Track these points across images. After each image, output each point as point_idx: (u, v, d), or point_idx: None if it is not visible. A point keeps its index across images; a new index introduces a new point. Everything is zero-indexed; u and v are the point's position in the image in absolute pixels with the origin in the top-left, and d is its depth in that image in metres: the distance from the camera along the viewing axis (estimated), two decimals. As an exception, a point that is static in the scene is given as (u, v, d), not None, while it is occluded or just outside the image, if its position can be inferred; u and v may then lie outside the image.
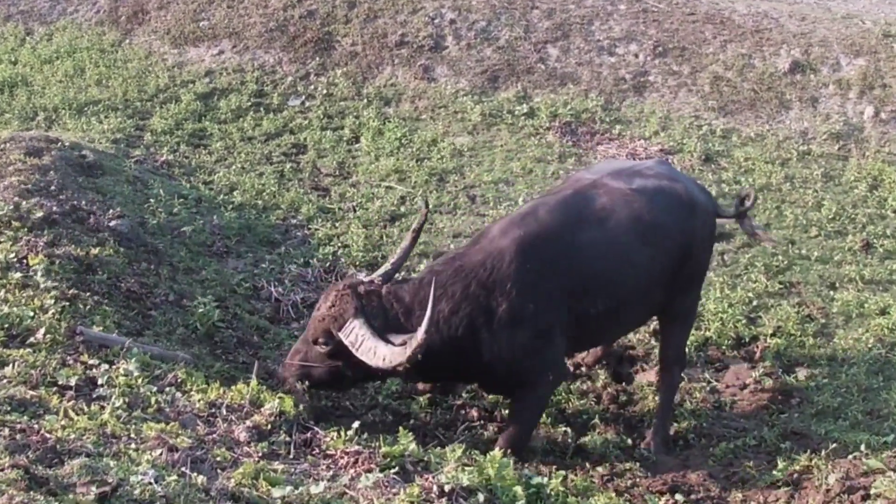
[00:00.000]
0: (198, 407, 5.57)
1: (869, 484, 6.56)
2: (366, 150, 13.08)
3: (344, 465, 5.09)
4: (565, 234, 7.21)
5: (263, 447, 5.16)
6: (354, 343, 6.60)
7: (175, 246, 9.79)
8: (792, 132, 13.80)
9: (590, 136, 13.70)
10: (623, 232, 7.33)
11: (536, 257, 7.01)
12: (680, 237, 7.68)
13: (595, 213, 7.33)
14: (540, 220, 7.22)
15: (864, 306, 9.81)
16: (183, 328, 8.06)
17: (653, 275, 7.55)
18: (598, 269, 7.31)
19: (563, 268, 7.13)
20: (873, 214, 11.80)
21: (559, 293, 7.11)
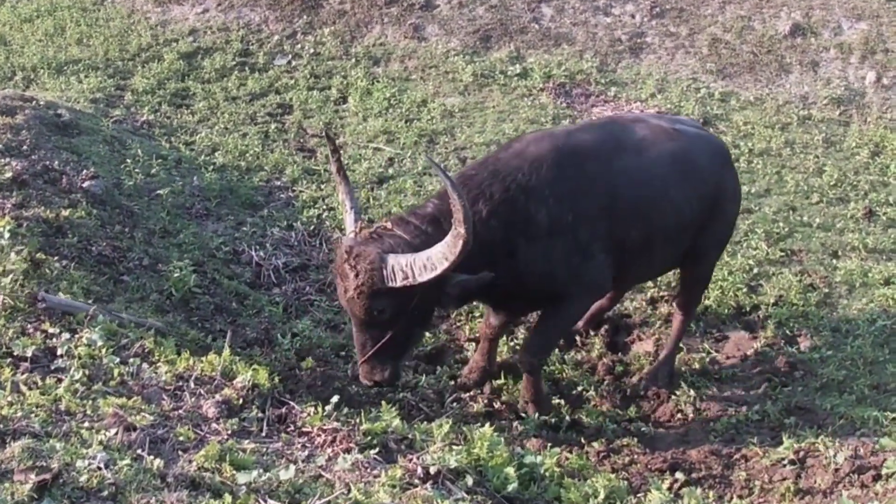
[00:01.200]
0: (164, 379, 5.16)
1: (880, 463, 6.28)
2: (353, 111, 12.70)
3: (321, 444, 4.69)
4: (602, 155, 7.03)
5: (233, 424, 4.75)
6: (407, 275, 6.06)
7: (152, 208, 9.40)
8: (792, 96, 13.48)
9: (584, 98, 13.33)
10: (662, 164, 7.20)
11: (574, 170, 6.78)
12: (715, 183, 7.60)
13: (635, 143, 7.20)
14: (577, 137, 7.08)
15: (868, 275, 9.52)
16: (157, 294, 7.68)
17: (687, 214, 7.39)
18: (635, 196, 7.07)
19: (600, 187, 6.90)
20: (875, 181, 11.49)
21: (597, 210, 6.85)
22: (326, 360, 7.50)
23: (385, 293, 6.16)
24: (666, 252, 7.58)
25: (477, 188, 6.55)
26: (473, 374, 7.83)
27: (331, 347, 7.84)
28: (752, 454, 7.02)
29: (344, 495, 4.02)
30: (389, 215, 8.69)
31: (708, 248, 7.94)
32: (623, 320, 8.87)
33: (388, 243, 6.31)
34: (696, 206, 7.40)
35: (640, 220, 7.11)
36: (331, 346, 7.85)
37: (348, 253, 6.29)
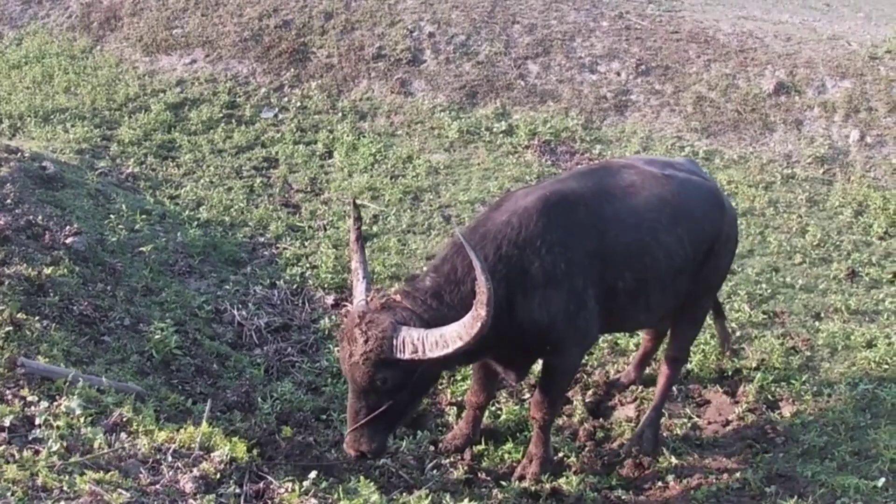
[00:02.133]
0: (142, 452, 5.13)
1: (856, 533, 6.29)
2: (339, 166, 12.73)
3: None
4: (591, 201, 7.03)
5: (210, 500, 4.73)
6: (417, 349, 6.03)
7: (135, 265, 9.36)
8: (776, 155, 13.57)
9: (569, 156, 13.39)
10: (651, 209, 7.22)
11: (563, 217, 6.81)
12: (708, 229, 7.64)
13: (623, 188, 7.23)
14: (565, 184, 7.10)
15: (850, 338, 9.50)
16: (137, 355, 7.64)
17: (679, 259, 7.39)
18: (625, 241, 7.08)
19: (590, 233, 6.91)
20: (858, 241, 11.54)
21: (588, 257, 6.87)
22: (307, 425, 7.45)
23: (391, 363, 6.11)
24: (662, 297, 7.55)
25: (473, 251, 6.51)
26: (457, 441, 7.82)
27: (311, 411, 7.78)
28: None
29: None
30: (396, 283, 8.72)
31: (700, 294, 7.95)
32: (606, 383, 8.86)
33: (401, 315, 6.27)
34: (689, 250, 7.42)
35: (631, 265, 7.13)
36: (311, 410, 7.80)
37: (361, 318, 6.22)
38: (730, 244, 8.07)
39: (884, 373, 8.94)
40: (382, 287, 8.78)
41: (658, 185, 7.35)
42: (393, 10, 16.08)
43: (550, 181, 7.36)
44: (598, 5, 16.74)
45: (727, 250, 8.05)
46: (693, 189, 7.64)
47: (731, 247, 8.14)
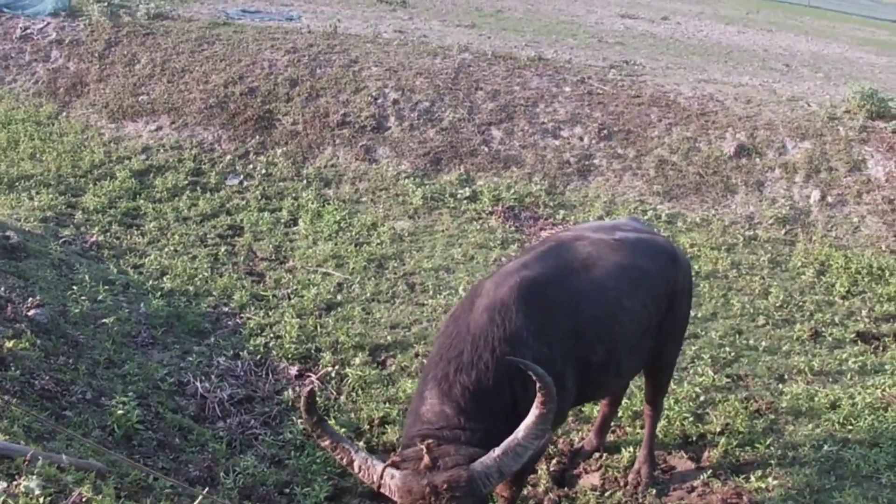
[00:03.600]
0: (102, 533, 5.12)
1: None
2: (304, 234, 12.78)
3: None
4: (559, 279, 7.03)
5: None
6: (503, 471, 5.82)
7: (97, 337, 9.32)
8: (738, 217, 13.74)
9: (533, 221, 13.51)
10: (612, 278, 7.26)
11: (538, 302, 6.74)
12: (665, 285, 7.74)
13: (582, 262, 7.24)
14: (532, 268, 6.98)
15: (814, 400, 9.56)
16: (99, 430, 7.58)
17: (644, 321, 7.47)
18: (595, 315, 7.09)
19: (564, 312, 6.88)
20: (821, 301, 11.68)
21: (566, 337, 6.83)
22: (270, 500, 7.43)
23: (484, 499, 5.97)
24: (631, 360, 7.63)
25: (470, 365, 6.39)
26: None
27: (274, 485, 7.74)
28: None
29: None
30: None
31: (668, 343, 8.08)
32: (571, 451, 8.86)
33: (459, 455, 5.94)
34: (652, 309, 7.53)
35: (601, 337, 7.12)
36: (274, 484, 7.75)
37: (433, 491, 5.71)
38: (686, 292, 8.25)
39: (848, 434, 9.02)
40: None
41: (612, 252, 7.41)
42: (357, 77, 16.24)
43: (513, 266, 7.12)
44: (561, 71, 16.98)
45: (685, 298, 8.23)
46: (645, 248, 7.74)
47: (688, 294, 8.32)
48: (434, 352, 6.85)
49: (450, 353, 6.52)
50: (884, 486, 8.25)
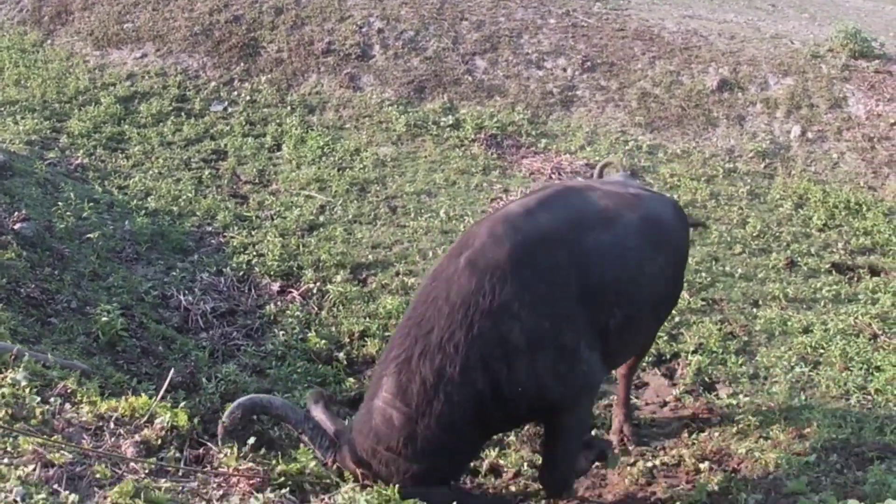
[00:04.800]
0: (85, 419, 5.28)
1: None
2: (287, 158, 12.87)
3: (235, 483, 4.84)
4: (569, 236, 6.16)
5: (151, 464, 4.89)
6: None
7: (82, 251, 9.47)
8: (718, 150, 13.80)
9: (515, 150, 13.59)
10: (632, 236, 6.47)
11: (541, 267, 5.92)
12: (679, 245, 7.20)
13: (598, 214, 6.40)
14: (539, 218, 6.12)
15: (788, 324, 9.70)
16: (84, 337, 7.74)
17: (662, 286, 6.83)
18: (612, 276, 6.30)
19: (573, 277, 6.04)
20: (798, 233, 11.78)
21: (575, 305, 6.04)
22: (251, 405, 7.59)
23: None
24: (649, 327, 7.25)
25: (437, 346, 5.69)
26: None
27: (256, 392, 7.90)
28: (667, 498, 7.22)
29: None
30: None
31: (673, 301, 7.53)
32: None
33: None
34: (668, 274, 6.85)
35: (620, 302, 6.36)
36: (256, 391, 7.88)
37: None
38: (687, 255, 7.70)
39: (819, 357, 9.13)
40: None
41: (631, 208, 6.60)
42: (342, 6, 16.25)
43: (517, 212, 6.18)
44: (546, 3, 16.97)
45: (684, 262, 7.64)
46: (662, 207, 7.06)
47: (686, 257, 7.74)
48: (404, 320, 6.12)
49: (420, 328, 5.80)
50: (853, 407, 8.37)
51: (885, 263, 11.19)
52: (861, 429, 7.89)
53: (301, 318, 9.23)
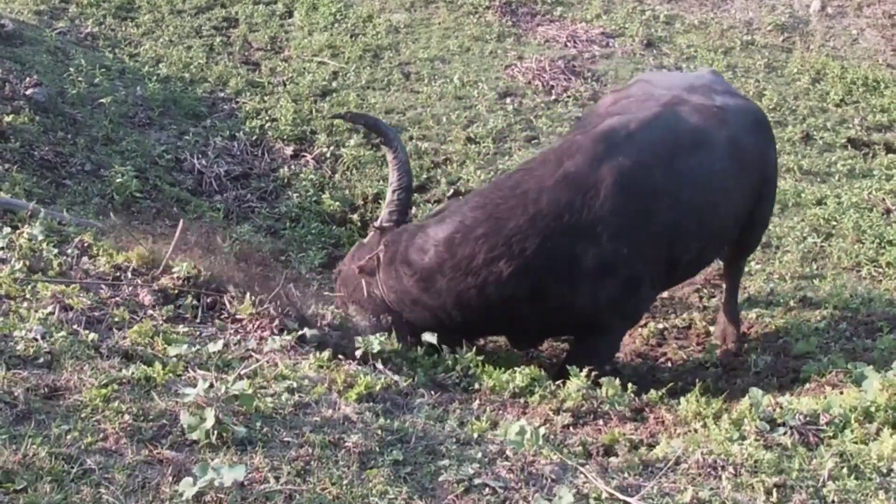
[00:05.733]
0: (103, 270, 5.33)
1: (799, 367, 6.61)
2: (299, 25, 12.75)
3: (252, 329, 4.91)
4: (665, 161, 6.01)
5: (168, 311, 4.95)
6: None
7: (94, 116, 9.46)
8: (736, 21, 13.68)
9: (530, 17, 13.47)
10: (719, 159, 6.22)
11: (637, 195, 5.84)
12: (764, 162, 6.80)
13: (690, 135, 6.17)
14: (638, 142, 5.97)
15: (801, 196, 9.73)
16: (99, 198, 7.85)
17: (742, 208, 6.59)
18: (697, 205, 6.14)
19: (662, 206, 5.96)
20: (814, 107, 11.71)
21: (656, 236, 5.96)
22: (266, 264, 7.67)
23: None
24: (716, 253, 6.97)
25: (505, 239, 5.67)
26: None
27: (270, 252, 8.03)
28: (678, 358, 7.31)
29: (271, 368, 4.26)
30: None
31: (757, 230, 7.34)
32: None
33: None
34: (749, 195, 6.61)
35: (700, 233, 6.28)
36: (270, 251, 8.05)
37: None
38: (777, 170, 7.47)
39: (832, 229, 9.22)
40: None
41: (718, 125, 6.31)
42: None
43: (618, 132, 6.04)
44: None
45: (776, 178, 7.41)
46: (748, 120, 6.66)
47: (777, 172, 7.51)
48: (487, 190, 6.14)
49: (498, 209, 5.78)
50: (863, 278, 8.48)
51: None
52: (871, 300, 7.99)
53: (315, 181, 9.30)
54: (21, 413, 3.45)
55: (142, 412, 3.60)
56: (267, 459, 3.36)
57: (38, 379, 3.79)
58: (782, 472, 3.95)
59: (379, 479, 3.38)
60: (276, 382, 4.07)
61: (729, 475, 3.79)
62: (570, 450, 3.97)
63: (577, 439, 4.16)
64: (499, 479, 3.49)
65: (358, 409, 3.95)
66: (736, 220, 6.58)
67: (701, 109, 6.33)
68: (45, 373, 3.85)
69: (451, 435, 3.91)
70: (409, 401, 4.37)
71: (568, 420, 4.50)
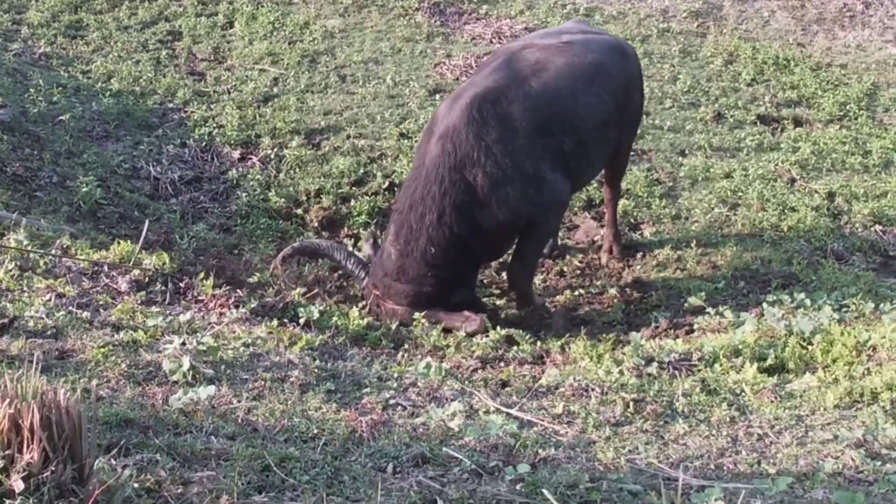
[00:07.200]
0: (83, 266, 6.26)
1: (693, 321, 7.46)
2: (240, 35, 13.42)
3: (214, 306, 5.87)
4: (509, 90, 7.48)
5: (142, 296, 5.93)
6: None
7: (56, 133, 10.17)
8: (653, 10, 14.38)
9: (458, 17, 14.21)
10: (563, 77, 7.73)
11: (490, 117, 7.31)
12: (619, 77, 8.27)
13: (532, 68, 7.66)
14: (480, 86, 7.51)
15: (710, 171, 10.46)
16: (67, 206, 8.69)
17: (603, 113, 8.02)
18: (554, 112, 7.64)
19: (521, 118, 7.41)
20: (727, 87, 12.46)
21: (527, 139, 7.43)
22: (221, 257, 8.50)
23: None
24: (598, 149, 8.23)
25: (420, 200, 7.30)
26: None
27: (224, 247, 8.91)
28: (590, 318, 8.21)
29: (230, 333, 5.24)
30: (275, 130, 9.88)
31: (626, 131, 8.73)
32: None
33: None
34: (609, 101, 8.05)
35: (566, 130, 7.68)
36: (224, 246, 8.92)
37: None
38: (638, 83, 8.83)
39: (738, 199, 10.02)
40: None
41: (562, 54, 7.83)
42: None
43: (465, 85, 7.85)
44: None
45: (637, 89, 8.81)
46: (595, 46, 8.20)
47: (639, 85, 8.89)
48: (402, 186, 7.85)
49: (408, 188, 7.47)
50: (765, 242, 9.30)
51: (809, 115, 11.95)
52: (770, 261, 8.84)
53: (261, 181, 10.10)
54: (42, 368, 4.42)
55: (133, 363, 4.72)
56: (230, 389, 4.44)
57: (50, 345, 4.87)
58: (643, 391, 4.93)
59: (315, 400, 4.44)
60: (234, 341, 5.10)
61: (596, 394, 4.78)
62: (472, 383, 4.96)
63: (480, 376, 5.17)
64: (409, 400, 4.52)
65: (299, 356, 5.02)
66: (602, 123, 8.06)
67: (545, 48, 7.93)
68: (53, 342, 4.95)
69: (375, 374, 4.95)
70: (342, 352, 5.40)
71: (476, 364, 5.52)
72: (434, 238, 7.27)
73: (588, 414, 4.56)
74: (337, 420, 4.19)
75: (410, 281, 7.40)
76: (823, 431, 4.69)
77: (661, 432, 4.61)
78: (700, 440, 4.57)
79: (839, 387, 5.33)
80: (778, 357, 5.93)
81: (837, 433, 4.55)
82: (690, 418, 4.77)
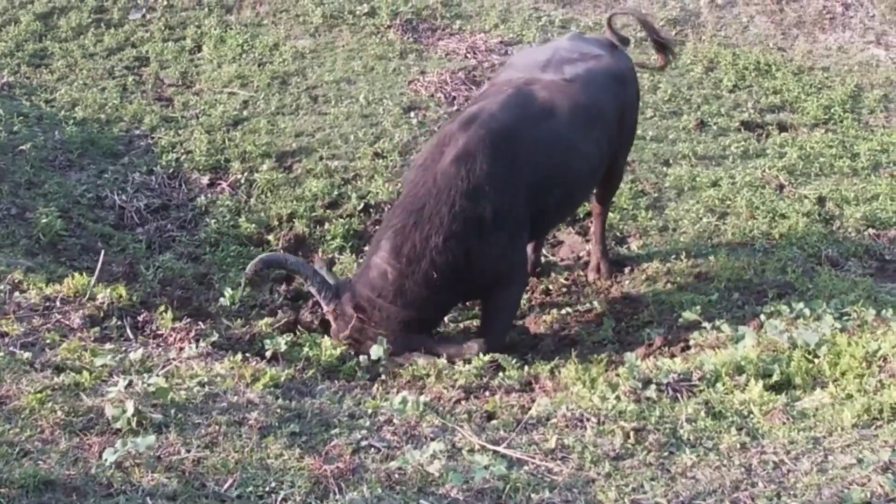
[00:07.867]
0: (34, 301, 5.84)
1: (688, 336, 7.15)
2: (208, 59, 13.13)
3: (173, 341, 5.45)
4: (522, 130, 7.29)
5: (95, 332, 5.49)
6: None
7: (17, 163, 9.82)
8: (630, 20, 14.14)
9: (431, 32, 13.95)
10: (566, 123, 7.50)
11: (506, 154, 7.10)
12: (615, 110, 8.03)
13: (540, 108, 7.46)
14: (496, 118, 7.24)
15: (696, 180, 10.25)
16: (26, 239, 8.27)
17: (597, 159, 7.82)
18: (553, 163, 7.43)
19: (526, 163, 7.22)
20: (708, 95, 12.30)
21: (525, 189, 7.23)
22: (188, 288, 8.12)
23: None
24: (581, 195, 8.20)
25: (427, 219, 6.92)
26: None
27: (192, 277, 8.46)
28: (578, 337, 7.87)
29: (187, 370, 4.81)
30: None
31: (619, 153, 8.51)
32: None
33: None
34: (604, 143, 7.84)
35: (558, 182, 7.49)
36: (192, 276, 8.48)
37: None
38: (634, 105, 8.68)
39: (726, 208, 9.78)
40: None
41: (566, 95, 7.58)
42: None
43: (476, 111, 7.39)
44: None
45: (633, 110, 8.68)
46: (594, 82, 7.89)
47: (635, 106, 8.76)
48: (399, 199, 7.39)
49: (413, 204, 7.00)
50: (757, 251, 9.05)
51: (793, 120, 11.84)
52: (763, 270, 8.58)
53: (231, 207, 9.73)
54: (-34, 419, 4.03)
55: (72, 410, 4.26)
56: (180, 437, 3.99)
57: (-18, 392, 4.35)
58: (643, 419, 4.53)
59: (276, 446, 3.99)
60: (190, 379, 4.66)
61: (592, 424, 4.38)
62: (455, 417, 4.55)
63: (463, 408, 4.75)
64: (383, 441, 4.09)
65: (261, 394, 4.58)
66: (594, 168, 7.86)
67: (549, 85, 7.63)
68: (-14, 387, 4.42)
69: (346, 411, 4.52)
70: (311, 388, 4.97)
71: (458, 395, 5.10)
72: (437, 262, 6.91)
73: (584, 447, 4.18)
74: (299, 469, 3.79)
75: (408, 305, 6.97)
76: (845, 455, 4.36)
77: (667, 465, 4.27)
78: (710, 472, 4.23)
79: (855, 403, 4.99)
80: (783, 372, 5.60)
81: (861, 456, 4.24)
82: (697, 447, 4.42)
